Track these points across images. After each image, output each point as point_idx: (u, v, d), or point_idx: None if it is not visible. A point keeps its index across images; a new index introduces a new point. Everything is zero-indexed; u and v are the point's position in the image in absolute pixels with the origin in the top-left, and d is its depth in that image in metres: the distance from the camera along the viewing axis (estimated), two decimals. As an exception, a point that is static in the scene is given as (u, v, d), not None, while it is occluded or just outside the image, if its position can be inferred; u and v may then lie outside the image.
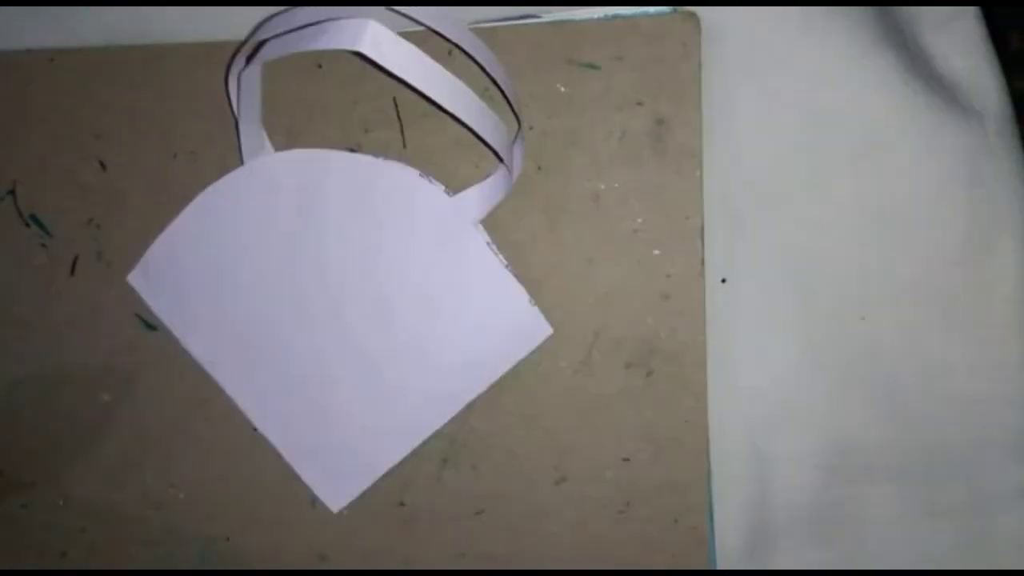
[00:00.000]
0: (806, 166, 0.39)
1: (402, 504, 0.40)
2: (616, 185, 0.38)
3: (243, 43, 0.38)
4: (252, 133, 0.38)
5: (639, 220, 0.38)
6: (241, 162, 0.38)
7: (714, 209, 0.38)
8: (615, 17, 0.38)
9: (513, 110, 0.37)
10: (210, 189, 0.39)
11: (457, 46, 0.37)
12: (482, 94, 0.37)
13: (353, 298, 0.38)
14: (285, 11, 0.36)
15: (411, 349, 0.38)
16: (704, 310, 0.38)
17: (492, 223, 0.38)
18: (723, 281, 0.39)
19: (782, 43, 0.38)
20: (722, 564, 0.39)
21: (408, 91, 0.38)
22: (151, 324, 0.40)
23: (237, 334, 0.39)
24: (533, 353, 0.38)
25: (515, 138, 0.38)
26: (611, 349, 0.38)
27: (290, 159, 0.38)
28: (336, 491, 0.40)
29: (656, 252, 0.38)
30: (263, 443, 0.40)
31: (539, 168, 0.38)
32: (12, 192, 0.41)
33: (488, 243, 0.38)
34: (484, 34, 0.38)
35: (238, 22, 0.40)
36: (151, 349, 0.40)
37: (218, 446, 0.40)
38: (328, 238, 0.38)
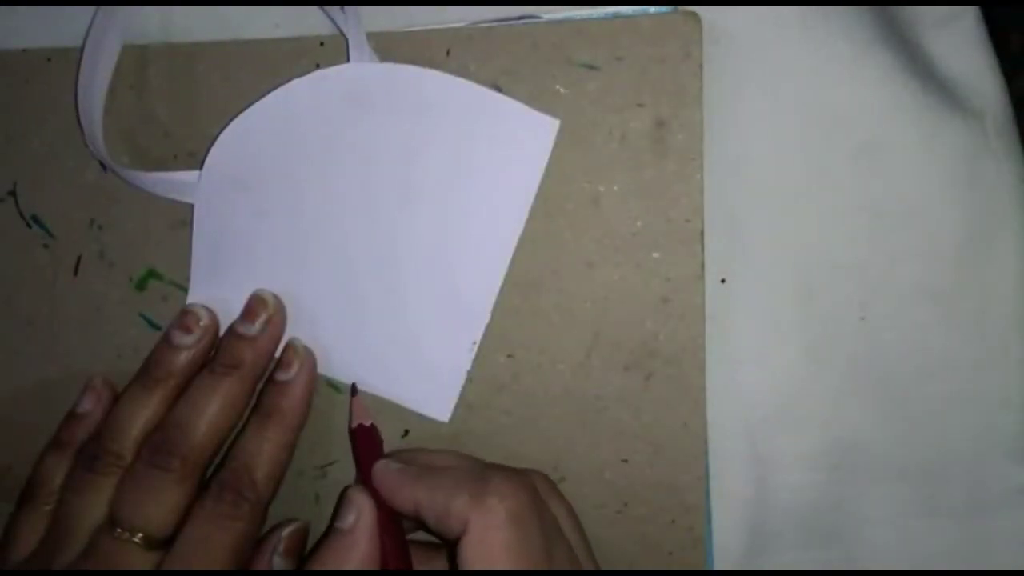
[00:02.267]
0: (806, 166, 0.39)
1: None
2: (616, 187, 0.38)
3: None
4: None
5: (639, 223, 0.38)
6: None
7: (714, 209, 0.38)
8: (615, 17, 0.38)
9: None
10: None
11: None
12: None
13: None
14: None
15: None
16: (704, 314, 0.38)
17: (492, 224, 0.38)
18: (723, 281, 0.39)
19: (783, 43, 0.38)
20: (722, 564, 0.40)
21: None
22: (156, 324, 0.40)
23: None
24: (532, 355, 0.39)
25: None
26: (610, 351, 0.38)
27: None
28: (438, 403, 0.39)
29: (656, 255, 0.38)
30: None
31: (538, 169, 0.38)
32: (12, 193, 0.41)
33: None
34: (483, 34, 0.38)
35: (241, 22, 0.40)
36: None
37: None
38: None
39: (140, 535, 0.35)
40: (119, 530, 0.35)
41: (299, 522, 0.38)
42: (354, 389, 0.39)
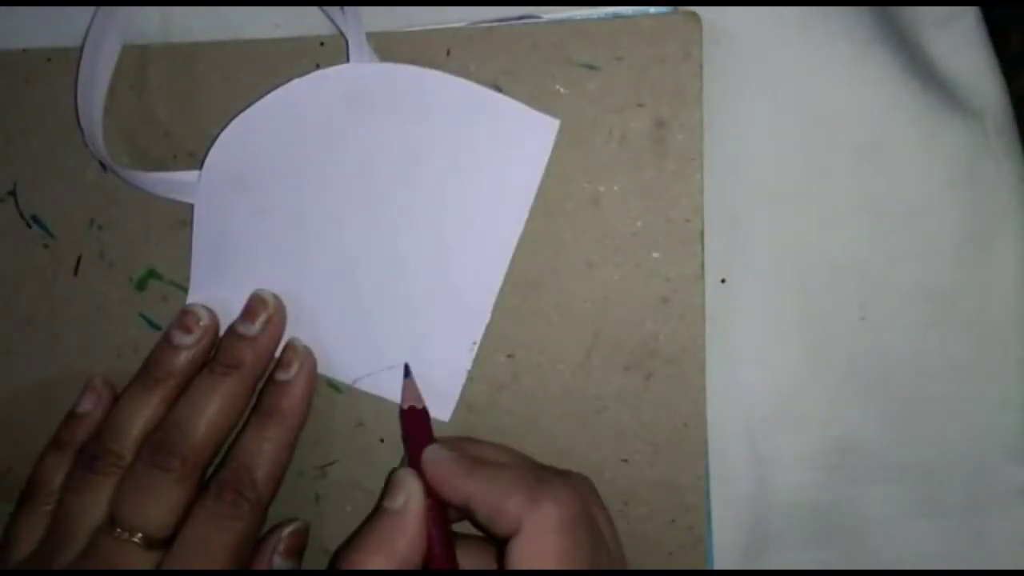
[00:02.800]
0: (806, 166, 0.39)
1: (404, 504, 0.40)
2: (616, 187, 0.38)
3: None
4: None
5: (639, 223, 0.38)
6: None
7: (714, 209, 0.38)
8: (615, 17, 0.38)
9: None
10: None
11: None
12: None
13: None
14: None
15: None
16: (704, 314, 0.38)
17: (492, 224, 0.38)
18: (723, 281, 0.39)
19: (783, 43, 0.38)
20: (722, 564, 0.40)
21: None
22: (156, 324, 0.40)
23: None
24: (532, 355, 0.39)
25: None
26: (610, 351, 0.38)
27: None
28: (439, 402, 0.39)
29: (656, 255, 0.38)
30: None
31: (538, 169, 0.38)
32: (12, 193, 0.41)
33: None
34: (483, 34, 0.38)
35: (241, 22, 0.40)
36: (155, 349, 0.40)
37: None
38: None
39: (140, 535, 0.35)
40: (119, 530, 0.35)
41: (299, 522, 0.38)
42: (407, 370, 0.39)
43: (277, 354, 0.39)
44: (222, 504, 0.35)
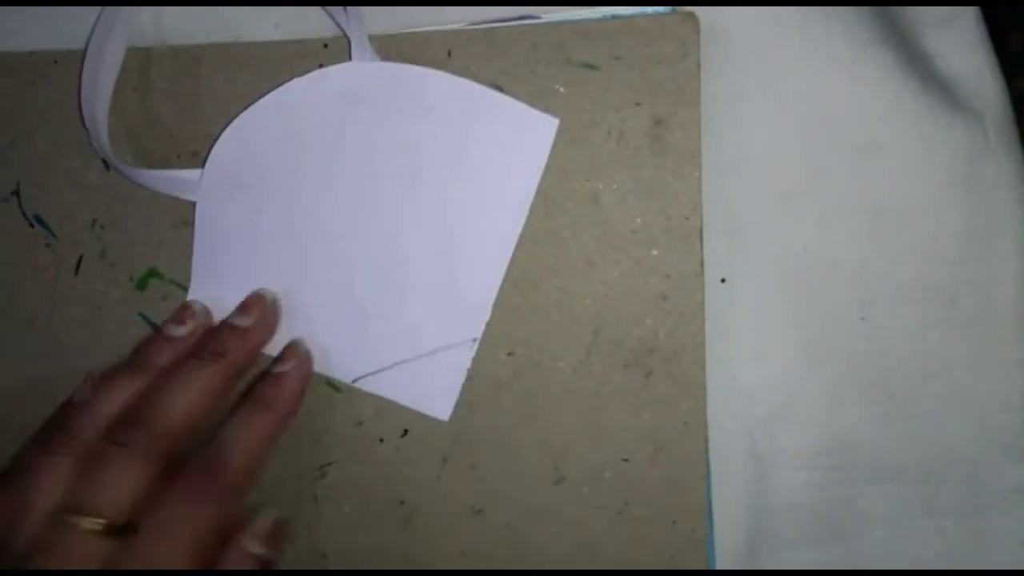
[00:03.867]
0: (805, 166, 0.39)
1: (401, 503, 0.40)
2: (615, 185, 0.38)
3: None
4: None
5: (638, 220, 0.38)
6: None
7: (713, 209, 0.38)
8: (614, 17, 0.38)
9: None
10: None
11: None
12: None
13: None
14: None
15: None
16: (703, 311, 0.38)
17: (492, 223, 0.38)
18: (723, 281, 0.39)
19: (782, 43, 0.38)
20: (722, 564, 0.40)
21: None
22: (155, 324, 0.40)
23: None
24: (532, 353, 0.39)
25: None
26: (610, 349, 0.38)
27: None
28: (438, 401, 0.39)
29: (655, 253, 0.38)
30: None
31: (538, 168, 0.38)
32: (16, 193, 0.41)
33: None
34: (483, 34, 0.38)
35: (240, 22, 0.40)
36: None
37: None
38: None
39: (99, 519, 0.33)
40: (74, 513, 0.33)
41: (275, 510, 0.37)
42: None
43: (276, 354, 0.39)
44: (191, 483, 0.34)
